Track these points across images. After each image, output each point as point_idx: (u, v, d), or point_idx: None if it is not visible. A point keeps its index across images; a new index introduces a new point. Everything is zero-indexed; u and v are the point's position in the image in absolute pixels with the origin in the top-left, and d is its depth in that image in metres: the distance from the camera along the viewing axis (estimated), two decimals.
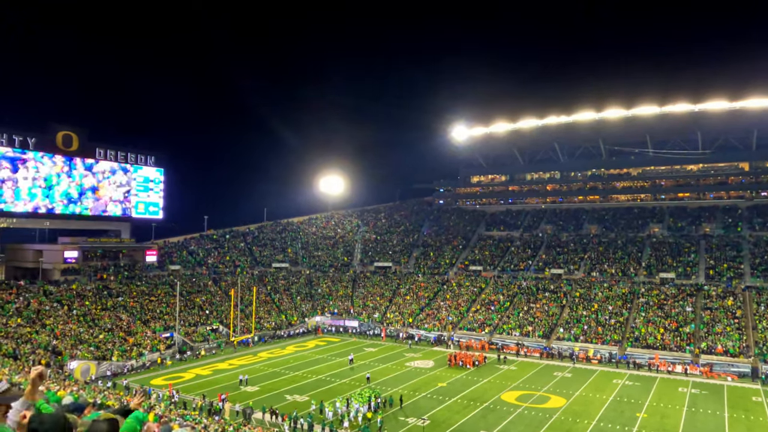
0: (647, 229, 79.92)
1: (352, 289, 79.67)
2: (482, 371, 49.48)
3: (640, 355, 53.10)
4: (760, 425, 35.28)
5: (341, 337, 66.85)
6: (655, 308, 60.78)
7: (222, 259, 79.60)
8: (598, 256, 75.05)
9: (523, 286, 71.25)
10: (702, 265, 67.69)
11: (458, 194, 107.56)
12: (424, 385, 44.36)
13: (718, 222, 77.04)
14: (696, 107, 76.27)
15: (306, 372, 48.46)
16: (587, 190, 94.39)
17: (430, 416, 35.72)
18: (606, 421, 35.55)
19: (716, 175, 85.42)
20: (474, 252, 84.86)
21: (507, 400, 40.23)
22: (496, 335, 61.75)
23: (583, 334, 58.64)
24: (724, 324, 55.51)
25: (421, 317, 68.88)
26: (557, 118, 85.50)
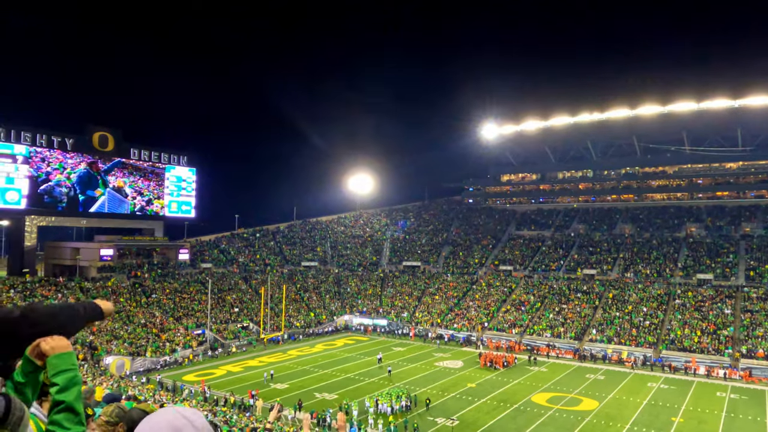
0: (684, 229, 77.75)
1: (381, 288, 79.66)
2: (512, 372, 48.85)
3: (676, 358, 51.65)
4: None
5: (370, 336, 66.90)
6: (692, 310, 59.05)
7: (252, 257, 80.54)
8: (633, 257, 73.33)
9: (555, 286, 70.11)
10: (742, 266, 65.49)
11: (488, 193, 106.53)
12: (453, 385, 44.02)
13: (759, 221, 74.42)
14: (736, 103, 73.79)
15: (335, 370, 48.61)
16: (621, 189, 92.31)
17: (459, 417, 35.41)
18: (640, 425, 34.66)
19: (757, 173, 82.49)
20: (504, 252, 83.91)
21: (537, 402, 39.59)
22: (526, 336, 60.90)
23: (616, 336, 57.36)
24: (765, 327, 53.58)
25: (450, 317, 68.42)
26: (590, 116, 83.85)
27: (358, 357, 54.53)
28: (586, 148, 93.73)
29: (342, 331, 69.83)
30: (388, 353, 55.99)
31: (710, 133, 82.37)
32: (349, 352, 56.90)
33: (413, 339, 64.96)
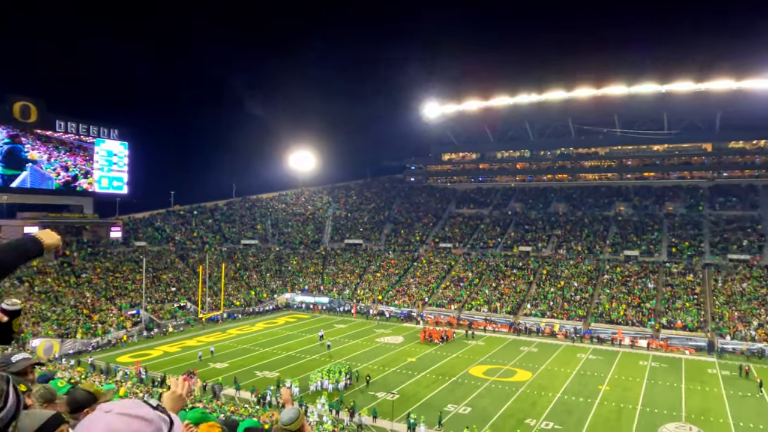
0: (613, 208, 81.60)
1: (323, 266, 79.53)
2: (451, 346, 50.20)
3: (603, 330, 54.59)
4: (714, 396, 36.80)
5: (311, 314, 66.87)
6: (619, 285, 62.40)
7: (189, 235, 78.36)
8: (566, 234, 76.40)
9: (492, 263, 72.20)
10: (664, 243, 69.58)
11: (429, 171, 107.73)
12: (393, 360, 44.80)
13: (681, 201, 79.10)
14: (663, 88, 77.59)
15: (276, 348, 48.39)
16: (556, 169, 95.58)
17: (399, 391, 36.15)
18: (570, 394, 36.56)
19: (680, 155, 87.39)
20: (444, 229, 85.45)
21: (475, 375, 40.96)
22: (465, 311, 62.60)
23: (549, 309, 59.91)
24: (683, 300, 57.40)
25: (391, 294, 69.30)
26: (528, 97, 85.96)
27: (300, 335, 54.47)
28: (524, 129, 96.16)
29: (283, 310, 69.43)
30: (330, 330, 56.23)
31: (639, 117, 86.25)
32: (290, 330, 56.73)
33: (355, 316, 65.46)
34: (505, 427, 29.90)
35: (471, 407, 33.66)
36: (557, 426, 30.61)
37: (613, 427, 30.84)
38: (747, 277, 59.06)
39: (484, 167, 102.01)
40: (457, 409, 33.23)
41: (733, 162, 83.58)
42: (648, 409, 33.81)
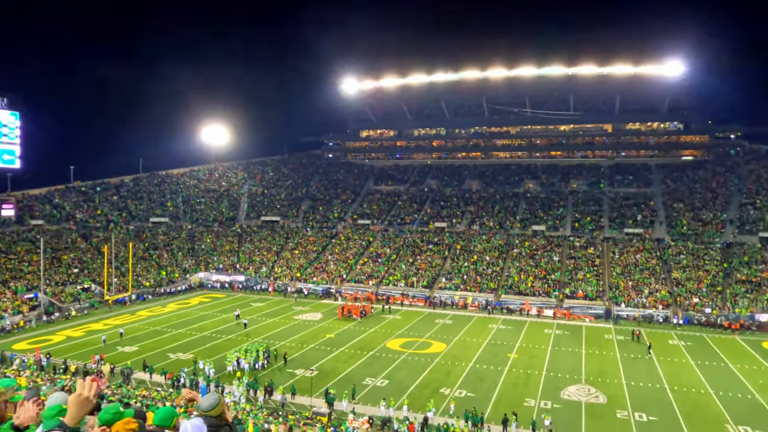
0: (523, 185, 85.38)
1: (238, 244, 77.66)
2: (369, 321, 50.96)
3: (512, 302, 57.47)
4: (610, 359, 39.96)
5: (227, 293, 65.32)
6: (527, 258, 65.75)
7: (92, 213, 73.64)
8: (479, 210, 79.19)
9: (409, 239, 73.63)
10: (569, 219, 73.93)
11: (347, 148, 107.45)
12: (312, 337, 44.85)
13: (584, 179, 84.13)
14: (570, 71, 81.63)
15: (190, 329, 46.93)
16: (470, 147, 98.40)
17: (317, 367, 36.31)
18: (481, 363, 38.35)
19: (584, 135, 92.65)
20: (363, 206, 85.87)
21: (392, 348, 41.90)
22: (382, 286, 63.60)
23: (463, 283, 62.15)
24: (585, 271, 61.49)
25: (310, 271, 69.04)
26: (445, 75, 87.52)
27: (215, 315, 53.12)
28: (440, 107, 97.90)
29: (197, 290, 67.29)
30: (247, 309, 55.26)
31: (548, 98, 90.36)
32: (204, 311, 55.15)
33: (272, 294, 64.69)
34: (421, 396, 30.92)
35: (388, 380, 34.47)
36: (470, 393, 32.06)
37: (520, 392, 32.73)
38: (640, 250, 64.13)
39: (402, 144, 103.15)
40: (375, 382, 33.92)
41: (630, 142, 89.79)
42: (552, 373, 36.16)
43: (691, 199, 72.54)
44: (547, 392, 32.57)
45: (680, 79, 78.82)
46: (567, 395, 32.10)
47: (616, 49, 78.90)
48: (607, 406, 30.60)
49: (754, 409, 30.36)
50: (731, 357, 40.74)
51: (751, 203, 68.15)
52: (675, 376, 35.86)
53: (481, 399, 31.00)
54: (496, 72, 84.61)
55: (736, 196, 70.96)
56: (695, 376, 36.21)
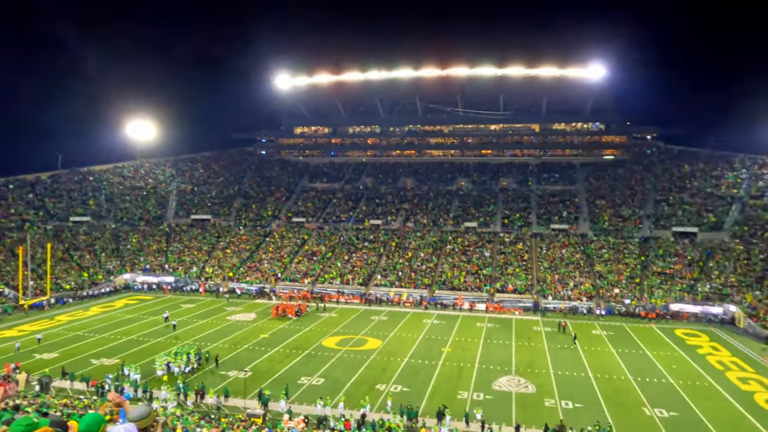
0: (455, 183, 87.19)
1: (167, 244, 74.84)
2: (304, 320, 50.50)
3: (446, 297, 58.62)
4: (538, 350, 41.55)
5: (155, 295, 62.81)
6: (460, 254, 67.24)
7: (5, 212, 68.80)
8: (413, 208, 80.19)
9: (344, 236, 73.52)
10: (499, 215, 76.21)
11: (281, 145, 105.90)
12: (245, 337, 43.92)
13: (513, 177, 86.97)
14: (500, 71, 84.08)
15: (115, 333, 44.79)
16: (404, 145, 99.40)
17: (252, 367, 35.61)
18: (416, 357, 38.88)
19: (513, 134, 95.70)
20: (297, 204, 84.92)
21: (327, 346, 41.72)
22: (318, 285, 63.18)
23: (398, 280, 62.75)
24: (514, 266, 63.61)
25: (243, 270, 67.56)
26: (379, 73, 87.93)
27: (142, 317, 50.97)
28: (374, 105, 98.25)
29: (122, 292, 64.30)
30: (176, 311, 53.38)
31: (479, 98, 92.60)
32: (130, 313, 52.79)
33: (203, 295, 62.82)
34: (357, 393, 30.97)
35: (324, 378, 34.30)
36: (405, 388, 32.43)
37: (454, 385, 33.44)
38: (565, 245, 67.05)
39: (337, 142, 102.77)
40: (310, 381, 33.66)
41: (556, 142, 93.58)
42: (484, 366, 37.19)
43: (612, 196, 76.56)
44: (480, 384, 33.47)
45: (602, 82, 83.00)
46: (498, 386, 33.11)
47: (544, 52, 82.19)
48: (536, 395, 31.82)
49: (668, 392, 32.47)
50: (648, 344, 43.37)
51: (665, 200, 72.74)
52: (598, 365, 37.77)
53: (416, 393, 31.43)
54: (430, 71, 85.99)
55: (651, 194, 75.54)
56: (616, 363, 38.29)
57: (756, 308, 49.61)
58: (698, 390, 32.97)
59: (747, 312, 49.68)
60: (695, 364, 38.29)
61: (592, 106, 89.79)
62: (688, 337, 46.13)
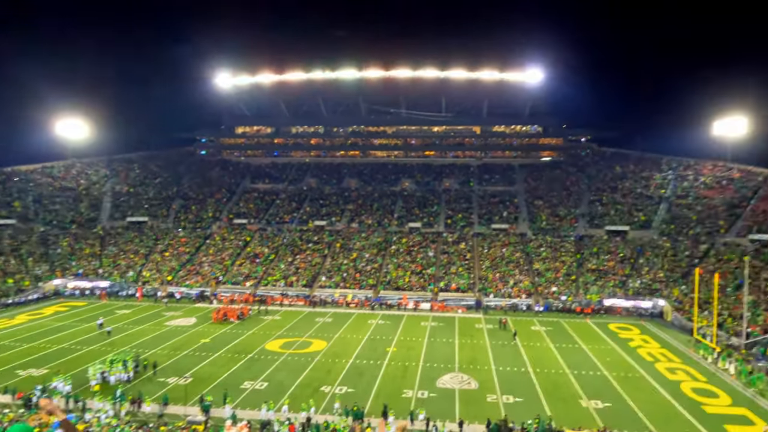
0: (399, 184, 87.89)
1: (101, 248, 71.65)
2: (247, 324, 49.55)
3: (391, 297, 58.98)
4: (480, 347, 42.47)
5: (88, 301, 59.98)
6: (404, 254, 67.83)
7: None
8: (358, 209, 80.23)
9: (288, 238, 72.69)
10: (442, 216, 77.40)
11: (222, 145, 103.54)
12: (185, 343, 42.64)
13: (456, 178, 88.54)
14: (442, 74, 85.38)
15: (44, 342, 42.44)
16: (348, 146, 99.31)
17: (192, 373, 34.64)
18: (362, 358, 38.92)
19: (455, 136, 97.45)
20: (239, 205, 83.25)
21: (271, 349, 41.12)
22: (261, 287, 62.15)
23: (343, 281, 62.61)
24: (457, 265, 64.77)
25: (182, 274, 65.58)
26: (322, 73, 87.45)
27: (74, 324, 48.56)
28: (318, 105, 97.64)
29: (52, 298, 61.02)
30: (112, 317, 51.17)
31: (422, 100, 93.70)
32: (61, 321, 50.17)
33: (141, 300, 60.52)
34: (302, 396, 30.66)
35: (268, 382, 33.78)
36: (350, 389, 32.39)
37: (399, 384, 33.68)
38: (506, 244, 68.87)
39: (279, 142, 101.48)
40: (254, 385, 33.06)
41: (496, 144, 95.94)
42: (428, 364, 37.66)
43: (549, 197, 79.25)
44: (424, 382, 33.86)
45: (539, 86, 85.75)
46: (442, 384, 33.60)
47: (484, 56, 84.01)
48: (479, 391, 32.51)
49: (602, 384, 33.93)
50: (584, 339, 45.17)
51: (598, 200, 75.96)
52: (537, 360, 39.00)
53: (361, 394, 31.44)
54: (373, 72, 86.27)
55: (586, 194, 78.72)
56: (554, 358, 39.66)
57: (682, 302, 52.60)
58: (630, 381, 34.62)
59: (674, 306, 52.61)
60: (627, 356, 40.19)
61: (531, 110, 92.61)
62: (620, 330, 48.36)
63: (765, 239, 55.78)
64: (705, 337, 43.10)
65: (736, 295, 48.34)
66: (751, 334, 42.17)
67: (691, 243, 62.27)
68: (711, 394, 32.19)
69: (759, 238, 56.40)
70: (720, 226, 62.02)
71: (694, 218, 65.49)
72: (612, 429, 26.10)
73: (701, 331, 44.33)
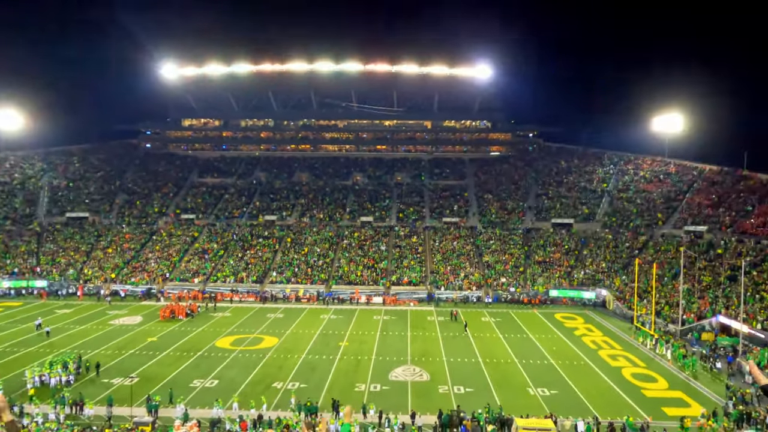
0: (351, 178, 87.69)
1: (38, 245, 68.34)
2: (196, 321, 48.45)
3: (343, 291, 58.89)
4: (432, 339, 43.05)
5: (24, 301, 57.15)
6: (357, 248, 67.83)
7: None
8: (309, 203, 79.58)
9: (238, 233, 71.39)
10: (394, 210, 77.79)
11: (168, 138, 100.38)
12: (131, 342, 41.30)
13: (407, 172, 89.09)
14: (393, 68, 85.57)
15: None
16: (299, 140, 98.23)
17: (138, 373, 33.62)
18: (314, 353, 38.76)
19: (407, 131, 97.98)
20: (186, 200, 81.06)
21: (221, 347, 40.39)
22: (210, 284, 60.85)
23: (294, 276, 62.06)
24: (409, 259, 65.30)
25: (127, 271, 63.42)
26: (272, 66, 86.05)
27: (9, 326, 46.17)
28: (268, 98, 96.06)
29: None
30: (51, 317, 48.92)
31: (373, 94, 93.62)
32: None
33: (82, 299, 58.13)
34: (253, 393, 30.25)
35: (218, 379, 33.19)
36: (303, 384, 32.20)
37: (351, 378, 33.74)
38: (457, 237, 69.92)
39: (228, 135, 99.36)
40: (203, 383, 32.40)
41: (447, 138, 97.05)
42: (381, 357, 37.87)
43: (498, 191, 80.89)
44: (377, 375, 34.04)
45: (488, 81, 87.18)
46: (395, 376, 33.88)
47: (435, 51, 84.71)
48: (430, 382, 32.96)
49: (549, 372, 35.04)
50: (531, 328, 46.48)
51: (545, 194, 78.11)
52: (487, 350, 39.86)
53: (313, 389, 31.32)
54: (324, 66, 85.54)
55: (533, 188, 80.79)
56: (503, 348, 40.64)
57: (623, 291, 54.87)
58: (575, 368, 35.89)
59: (616, 295, 54.81)
60: (572, 344, 41.63)
61: (480, 105, 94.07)
62: (566, 320, 50.03)
63: (699, 231, 58.82)
64: (644, 324, 45.15)
65: (673, 284, 50.83)
66: (686, 321, 44.46)
67: (631, 235, 64.96)
68: (650, 379, 33.77)
69: (693, 229, 59.41)
70: (658, 219, 64.98)
71: (635, 211, 68.35)
72: (558, 415, 27.00)
73: (641, 319, 46.40)
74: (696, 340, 41.36)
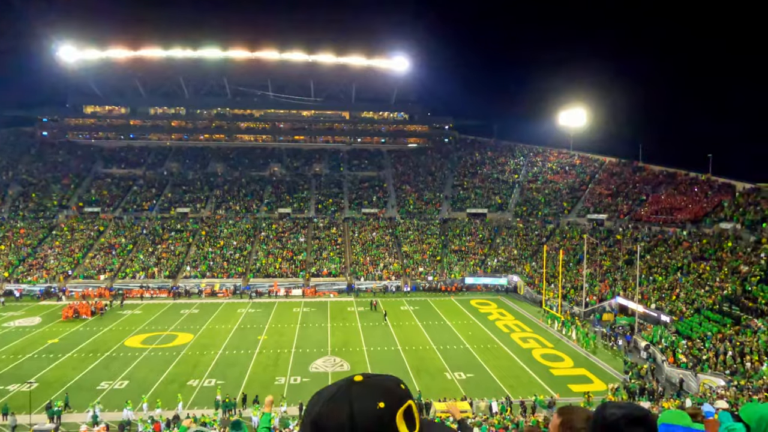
0: (268, 169, 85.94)
1: None
2: (103, 320, 45.79)
3: (261, 284, 57.79)
4: (352, 329, 43.29)
5: None
6: (275, 240, 66.73)
7: None
8: (224, 195, 77.18)
9: (148, 226, 68.04)
10: (313, 201, 77.14)
11: (68, 125, 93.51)
12: (29, 345, 38.36)
13: (326, 163, 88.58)
14: (310, 58, 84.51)
15: None
16: (213, 129, 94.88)
17: (38, 378, 31.32)
18: (231, 348, 37.83)
19: (325, 121, 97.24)
20: (90, 192, 76.06)
21: (131, 345, 38.48)
22: (118, 280, 57.66)
23: (209, 270, 60.10)
24: (328, 250, 65.11)
25: (23, 269, 58.72)
26: (183, 52, 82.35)
27: None
28: (179, 85, 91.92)
29: None
30: None
31: (290, 83, 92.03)
32: None
33: None
34: (167, 392, 29.11)
35: (129, 380, 31.60)
36: (220, 381, 31.34)
37: (271, 372, 33.27)
38: (376, 228, 70.52)
39: (136, 123, 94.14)
40: (112, 385, 30.74)
41: (365, 129, 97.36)
42: (301, 350, 37.60)
43: (416, 182, 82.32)
44: (297, 368, 33.79)
45: (406, 73, 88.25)
46: (315, 368, 33.78)
47: (352, 42, 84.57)
48: (350, 372, 33.08)
49: (465, 357, 36.30)
50: (448, 315, 47.87)
51: (460, 185, 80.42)
52: (406, 338, 40.65)
53: (232, 385, 30.57)
54: (238, 53, 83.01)
55: (449, 179, 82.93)
56: (422, 335, 41.60)
57: (532, 277, 57.74)
58: (489, 352, 37.42)
59: (526, 281, 57.60)
60: (486, 329, 43.35)
61: (397, 97, 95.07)
62: (480, 306, 51.96)
63: (600, 218, 62.96)
64: (552, 307, 47.81)
65: (577, 269, 54.12)
66: (589, 303, 47.55)
67: (540, 223, 68.40)
68: (557, 359, 35.87)
69: (595, 217, 63.52)
70: (564, 208, 68.83)
71: (543, 201, 71.98)
72: (473, 397, 28.06)
73: (549, 303, 49.09)
74: (598, 321, 44.33)
